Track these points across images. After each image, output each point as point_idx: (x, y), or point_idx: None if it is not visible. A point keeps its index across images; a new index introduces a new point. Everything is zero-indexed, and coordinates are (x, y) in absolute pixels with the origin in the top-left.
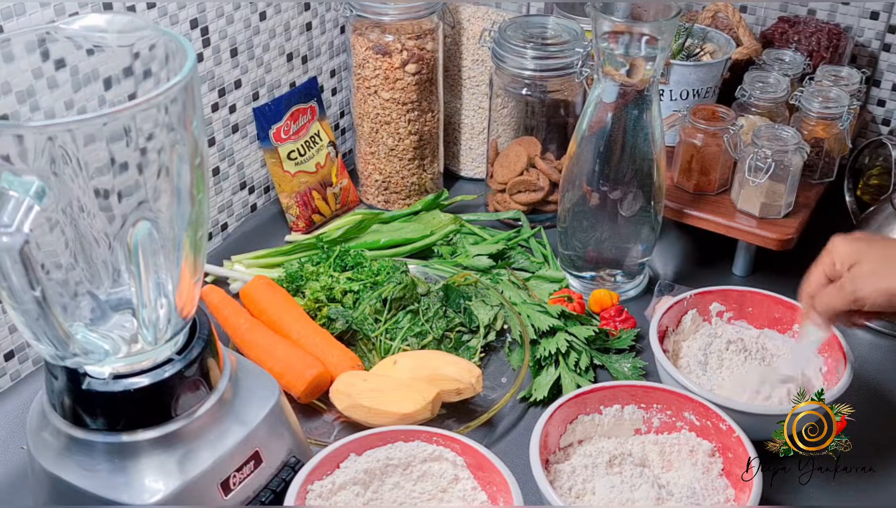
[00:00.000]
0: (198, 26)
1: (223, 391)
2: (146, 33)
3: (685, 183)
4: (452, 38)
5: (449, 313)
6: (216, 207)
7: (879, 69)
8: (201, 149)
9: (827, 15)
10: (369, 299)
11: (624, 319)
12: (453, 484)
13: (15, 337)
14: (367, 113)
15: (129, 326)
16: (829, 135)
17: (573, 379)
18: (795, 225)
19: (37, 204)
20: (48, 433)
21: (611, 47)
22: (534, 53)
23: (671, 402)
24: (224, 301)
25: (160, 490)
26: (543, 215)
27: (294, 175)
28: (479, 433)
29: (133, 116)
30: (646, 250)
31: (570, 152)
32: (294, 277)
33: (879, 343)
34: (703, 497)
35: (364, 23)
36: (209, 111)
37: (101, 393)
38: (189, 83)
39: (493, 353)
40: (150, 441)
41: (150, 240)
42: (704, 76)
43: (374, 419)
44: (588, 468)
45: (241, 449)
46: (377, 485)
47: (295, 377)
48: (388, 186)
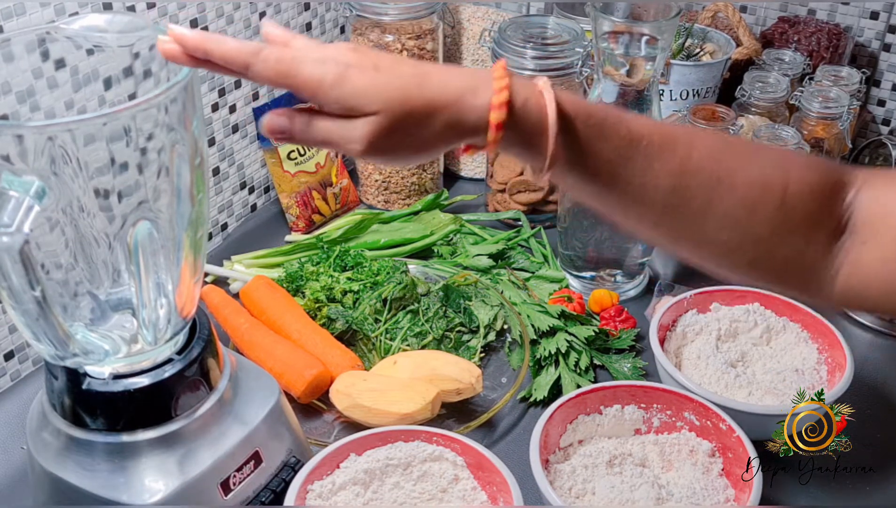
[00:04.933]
0: (198, 26)
1: (223, 391)
2: (146, 33)
3: None
4: (452, 38)
5: (449, 313)
6: (216, 207)
7: (879, 69)
8: (201, 149)
9: (827, 15)
10: (369, 299)
11: (624, 319)
12: (453, 484)
13: (15, 337)
14: None
15: (129, 326)
16: (829, 135)
17: (573, 379)
18: None
19: (37, 204)
20: (48, 433)
21: (611, 47)
22: (534, 53)
23: (671, 402)
24: (224, 301)
25: (160, 490)
26: (543, 215)
27: (294, 175)
28: (479, 433)
29: (133, 116)
30: (646, 250)
31: None
32: (294, 277)
33: (879, 343)
34: (703, 497)
35: (364, 23)
36: (209, 111)
37: (101, 393)
38: (189, 83)
39: (493, 353)
40: (150, 441)
41: (150, 240)
42: (704, 76)
43: (374, 419)
44: (588, 468)
45: (241, 449)
46: (377, 485)
47: (295, 377)
48: (388, 186)
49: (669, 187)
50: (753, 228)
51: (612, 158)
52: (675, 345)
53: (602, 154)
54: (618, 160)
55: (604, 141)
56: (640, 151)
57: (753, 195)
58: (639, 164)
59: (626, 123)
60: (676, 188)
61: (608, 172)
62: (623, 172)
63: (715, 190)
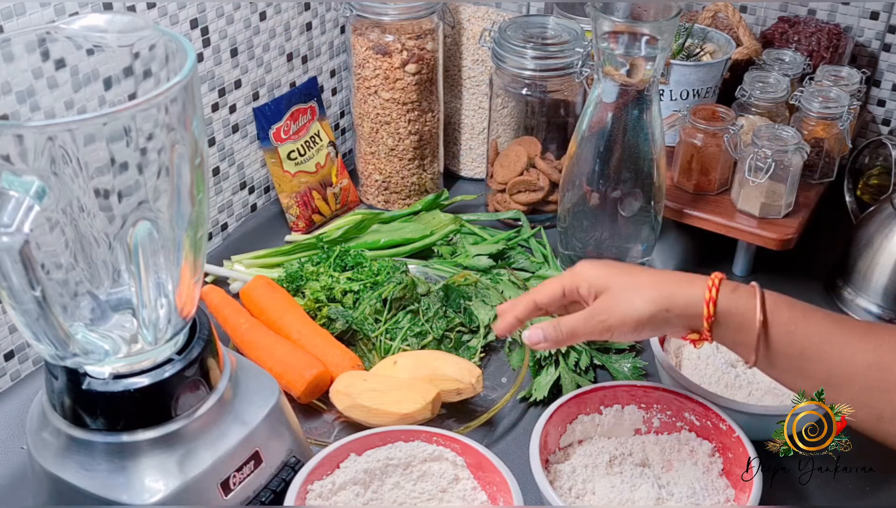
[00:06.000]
0: (198, 26)
1: (223, 391)
2: (146, 33)
3: (685, 183)
4: (452, 38)
5: (449, 314)
6: (216, 207)
7: (879, 69)
8: (201, 149)
9: (827, 15)
10: (369, 299)
11: None
12: (453, 484)
13: (15, 337)
14: (367, 113)
15: (129, 326)
16: (829, 135)
17: (573, 379)
18: (795, 225)
19: (37, 204)
20: (48, 433)
21: (611, 47)
22: (534, 53)
23: (671, 402)
24: (224, 301)
25: (160, 490)
26: (543, 215)
27: (294, 175)
28: (479, 433)
29: (133, 116)
30: (646, 250)
31: (570, 152)
32: (294, 277)
33: None
34: (703, 497)
35: (364, 23)
36: (209, 111)
37: (101, 393)
38: (189, 83)
39: (493, 353)
40: (150, 441)
41: (150, 240)
42: (704, 76)
43: (374, 419)
44: (588, 468)
45: (241, 449)
46: (377, 485)
47: (295, 377)
48: (388, 186)
49: (868, 363)
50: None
51: (816, 338)
52: (675, 345)
53: (809, 333)
54: (823, 335)
55: (809, 319)
56: (841, 327)
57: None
58: (839, 339)
59: (820, 311)
60: (875, 364)
61: (812, 351)
62: (828, 348)
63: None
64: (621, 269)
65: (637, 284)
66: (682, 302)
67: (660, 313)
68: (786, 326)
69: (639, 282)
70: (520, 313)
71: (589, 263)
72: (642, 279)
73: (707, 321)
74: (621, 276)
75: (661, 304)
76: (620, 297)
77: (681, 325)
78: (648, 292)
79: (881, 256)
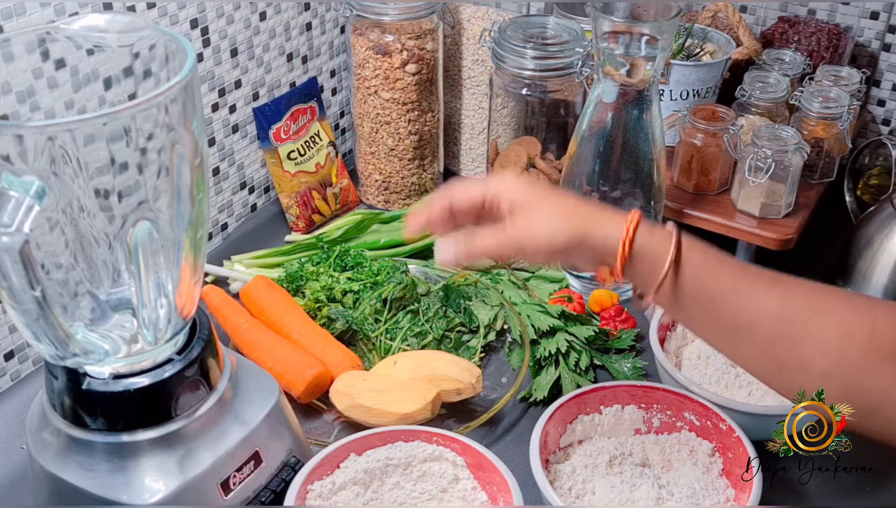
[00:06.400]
0: (198, 26)
1: (223, 391)
2: (146, 33)
3: (685, 183)
4: (452, 38)
5: (449, 313)
6: (216, 207)
7: (879, 69)
8: (201, 149)
9: (827, 15)
10: (369, 299)
11: (624, 319)
12: (453, 484)
13: (15, 337)
14: (367, 113)
15: (129, 326)
16: (829, 135)
17: (573, 379)
18: (795, 225)
19: (37, 204)
20: (48, 433)
21: (611, 47)
22: (534, 53)
23: (671, 402)
24: (224, 301)
25: (160, 490)
26: None
27: (294, 175)
28: (479, 433)
29: (133, 116)
30: None
31: (570, 152)
32: (294, 277)
33: None
34: (703, 497)
35: (364, 23)
36: (209, 111)
37: (101, 393)
38: (189, 83)
39: (493, 353)
40: (150, 441)
41: (150, 240)
42: (704, 76)
43: (374, 419)
44: (588, 468)
45: (241, 449)
46: (377, 485)
47: (295, 377)
48: (388, 186)
49: (773, 312)
50: (848, 352)
51: (727, 284)
52: (675, 345)
53: (719, 279)
54: (733, 282)
55: (720, 267)
56: (750, 276)
57: (848, 317)
58: (747, 288)
59: (732, 258)
60: (780, 313)
61: (720, 298)
62: (736, 295)
63: (812, 318)
64: (545, 192)
65: (557, 211)
66: (598, 238)
67: (574, 245)
68: (697, 270)
69: (559, 210)
70: (433, 215)
71: (514, 179)
72: (564, 207)
73: (621, 260)
74: (545, 199)
75: (578, 236)
76: (539, 221)
77: (594, 259)
78: (567, 222)
79: (881, 256)
